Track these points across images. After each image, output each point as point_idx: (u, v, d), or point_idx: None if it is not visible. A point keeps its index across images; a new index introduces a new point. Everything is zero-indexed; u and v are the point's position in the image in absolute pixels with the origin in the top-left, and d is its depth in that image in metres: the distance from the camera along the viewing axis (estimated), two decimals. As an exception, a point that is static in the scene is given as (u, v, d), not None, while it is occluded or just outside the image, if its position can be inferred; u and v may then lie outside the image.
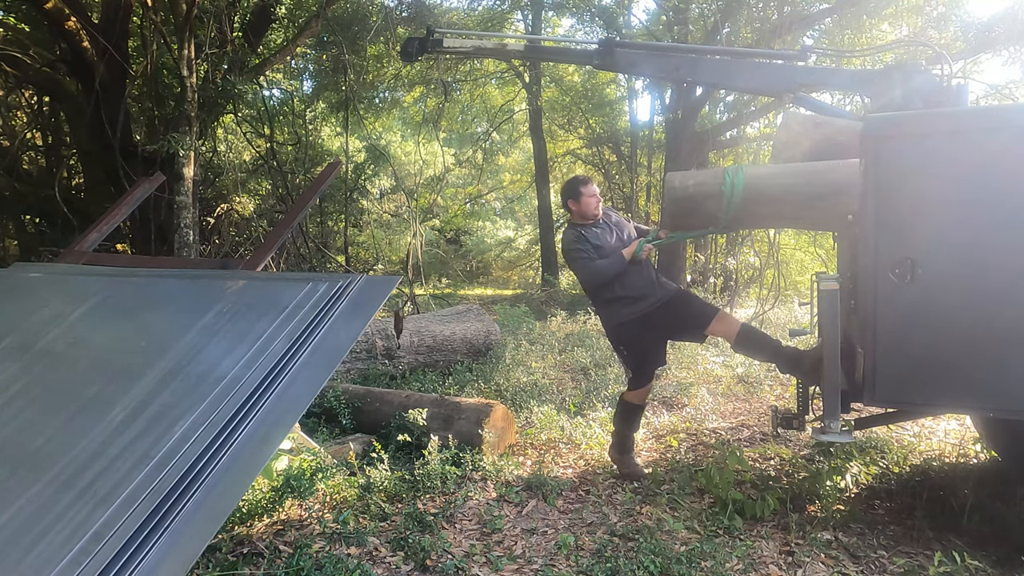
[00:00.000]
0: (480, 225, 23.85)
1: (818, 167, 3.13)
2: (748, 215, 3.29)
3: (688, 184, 3.34)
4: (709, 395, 5.47)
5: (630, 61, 4.20)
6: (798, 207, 3.18)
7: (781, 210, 3.27)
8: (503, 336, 7.18)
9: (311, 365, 1.84)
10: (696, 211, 3.32)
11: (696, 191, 3.28)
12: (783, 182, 3.19)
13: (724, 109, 13.85)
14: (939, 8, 10.70)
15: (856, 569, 2.70)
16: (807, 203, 3.12)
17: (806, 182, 3.11)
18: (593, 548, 2.90)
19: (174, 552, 1.41)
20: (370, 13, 10.97)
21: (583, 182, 3.79)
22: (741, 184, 3.18)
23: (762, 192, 3.18)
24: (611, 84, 16.12)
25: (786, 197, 3.17)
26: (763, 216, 3.46)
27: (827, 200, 3.04)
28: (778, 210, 3.27)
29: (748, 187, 3.18)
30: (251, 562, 2.69)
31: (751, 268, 11.46)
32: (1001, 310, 2.43)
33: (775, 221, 4.12)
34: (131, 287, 2.54)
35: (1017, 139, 2.44)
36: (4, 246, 11.98)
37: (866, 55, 7.99)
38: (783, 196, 3.17)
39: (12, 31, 9.67)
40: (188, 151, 7.60)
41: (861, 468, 3.58)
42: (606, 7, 13.79)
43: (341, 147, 14.21)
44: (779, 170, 3.36)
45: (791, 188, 3.15)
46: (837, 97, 8.48)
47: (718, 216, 3.27)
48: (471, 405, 4.17)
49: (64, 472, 1.65)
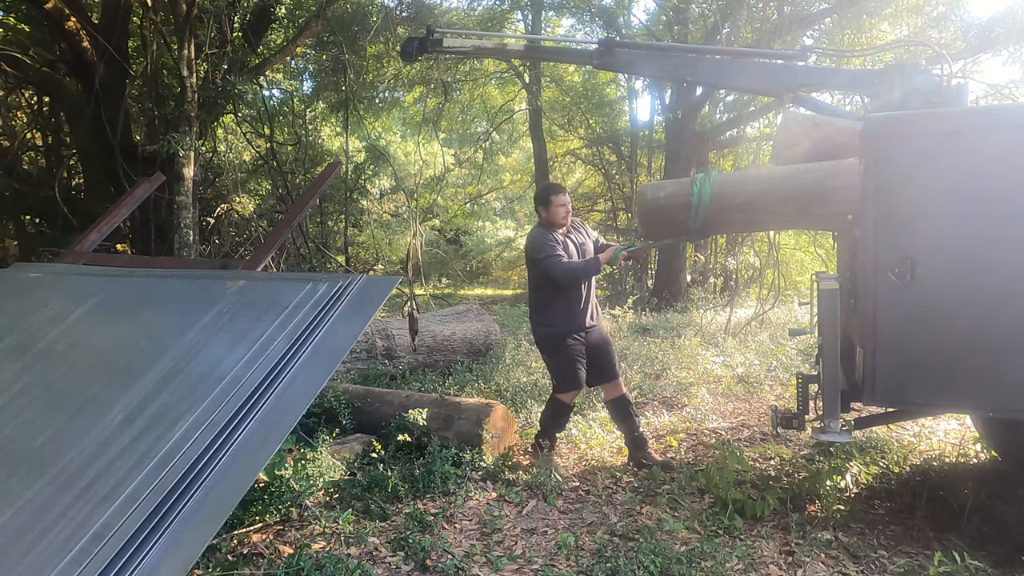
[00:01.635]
0: (480, 225, 23.84)
1: (785, 172, 3.26)
2: (719, 223, 3.46)
3: (659, 196, 3.48)
4: (709, 395, 5.47)
5: (630, 61, 4.21)
6: (768, 213, 3.34)
7: (752, 216, 3.41)
8: (503, 336, 7.18)
9: (311, 365, 1.84)
10: (668, 221, 3.47)
11: (667, 202, 3.43)
12: (752, 188, 3.32)
13: (724, 109, 13.85)
14: (939, 8, 10.70)
15: (856, 569, 2.71)
16: (775, 208, 3.26)
17: (770, 188, 3.24)
18: (593, 548, 2.90)
19: (174, 552, 1.42)
20: (370, 13, 10.97)
21: (555, 191, 3.91)
22: (707, 194, 3.32)
23: (730, 200, 3.33)
24: (611, 84, 16.12)
25: (755, 204, 3.30)
26: (737, 223, 3.65)
27: (791, 204, 3.17)
28: (749, 216, 3.41)
29: (716, 196, 3.31)
30: (251, 562, 2.69)
31: (751, 268, 11.47)
32: (1001, 310, 2.43)
33: (750, 226, 4.30)
34: (131, 287, 2.54)
35: (1017, 139, 2.44)
36: (4, 246, 11.97)
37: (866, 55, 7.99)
38: (752, 203, 3.31)
39: (12, 31, 9.67)
40: (188, 151, 7.59)
41: (861, 468, 3.58)
42: (606, 7, 13.79)
43: (341, 147, 14.20)
44: (747, 177, 3.52)
45: (758, 195, 3.28)
46: (837, 97, 8.49)
47: (688, 225, 3.40)
48: (471, 405, 4.17)
49: (64, 472, 1.65)
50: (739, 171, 3.65)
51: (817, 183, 3.10)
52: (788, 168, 3.26)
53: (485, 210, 23.84)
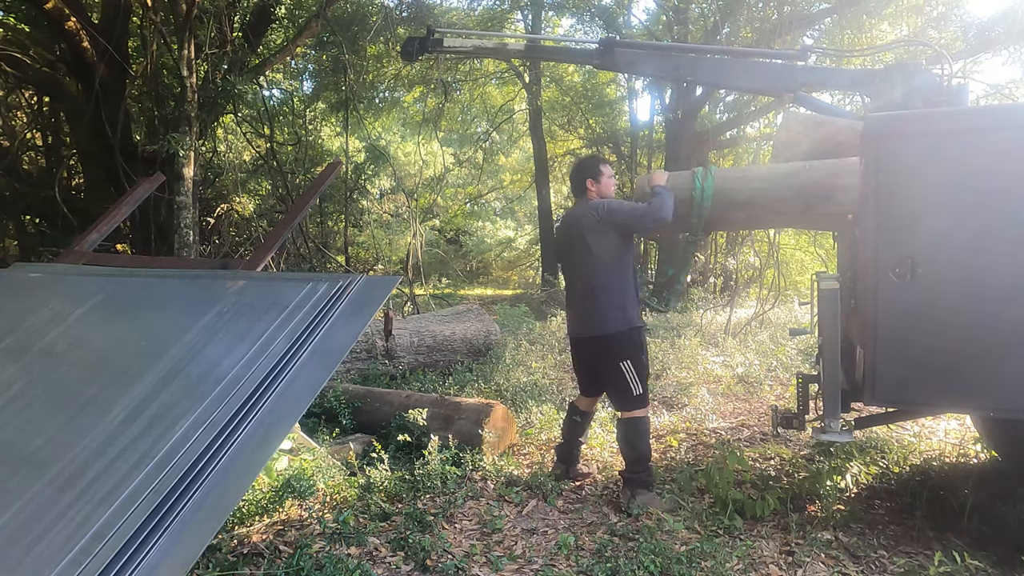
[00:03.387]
0: (480, 225, 23.86)
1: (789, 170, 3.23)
2: (721, 219, 3.39)
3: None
4: (709, 395, 5.47)
5: (630, 61, 4.21)
6: (771, 211, 3.31)
7: (754, 213, 3.37)
8: (503, 336, 7.18)
9: (311, 365, 1.84)
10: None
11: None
12: (755, 186, 3.29)
13: (724, 109, 13.86)
14: (939, 8, 10.71)
15: (856, 569, 2.70)
16: (778, 206, 3.24)
17: (774, 186, 3.21)
18: (593, 548, 2.90)
19: (174, 552, 1.41)
20: (370, 13, 10.98)
21: (603, 161, 3.49)
22: (711, 189, 3.22)
23: (733, 197, 3.28)
24: (611, 84, 16.13)
25: (758, 201, 3.28)
26: (738, 220, 3.54)
27: (794, 203, 3.15)
28: (751, 214, 3.37)
29: (719, 192, 3.25)
30: (251, 562, 2.69)
31: (751, 268, 11.47)
32: (1001, 310, 2.43)
33: (751, 223, 4.16)
34: (131, 287, 2.54)
35: (1017, 139, 2.44)
36: (4, 246, 11.97)
37: (866, 55, 8.00)
38: (755, 200, 3.27)
39: (12, 31, 9.67)
40: (188, 151, 7.59)
41: (861, 468, 3.58)
42: (606, 7, 13.80)
43: (341, 147, 14.20)
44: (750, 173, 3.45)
45: (761, 192, 3.26)
46: (837, 97, 8.49)
47: (691, 221, 3.33)
48: (471, 405, 4.17)
49: (64, 472, 1.65)
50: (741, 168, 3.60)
51: (821, 182, 3.08)
52: (792, 165, 3.21)
53: (485, 210, 23.85)
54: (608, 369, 3.33)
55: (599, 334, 3.31)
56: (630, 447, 3.33)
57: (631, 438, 3.32)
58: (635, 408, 3.31)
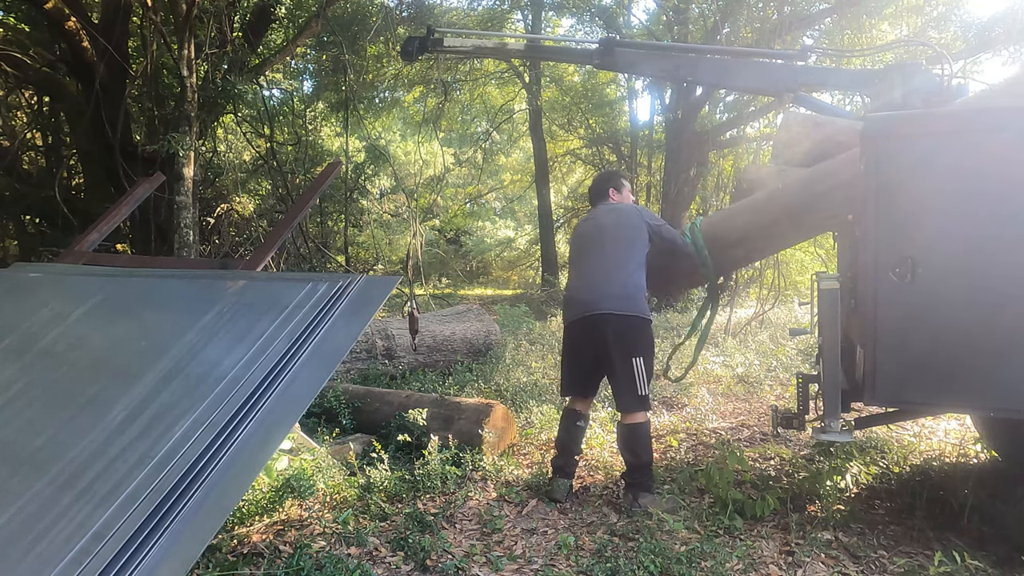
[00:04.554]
0: (480, 225, 23.84)
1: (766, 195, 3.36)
2: (726, 261, 3.53)
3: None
4: (709, 395, 5.47)
5: (630, 61, 4.21)
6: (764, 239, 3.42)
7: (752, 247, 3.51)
8: (503, 336, 7.18)
9: (311, 365, 1.84)
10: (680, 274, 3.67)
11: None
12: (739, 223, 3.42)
13: (724, 109, 13.84)
14: (939, 8, 10.71)
15: (856, 569, 2.70)
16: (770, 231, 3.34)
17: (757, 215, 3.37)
18: (593, 548, 2.90)
19: (174, 552, 1.42)
20: (370, 13, 10.98)
21: (626, 176, 3.87)
22: (700, 238, 3.42)
23: (724, 239, 3.42)
24: (611, 84, 16.12)
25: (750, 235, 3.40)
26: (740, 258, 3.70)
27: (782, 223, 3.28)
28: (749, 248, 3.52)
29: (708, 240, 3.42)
30: (251, 562, 2.69)
31: (751, 268, 11.45)
32: (1001, 309, 2.43)
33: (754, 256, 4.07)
34: (131, 287, 2.54)
35: (1018, 139, 2.44)
36: (4, 246, 11.97)
37: (866, 55, 8.00)
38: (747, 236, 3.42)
39: (12, 31, 9.67)
40: (188, 151, 7.59)
41: (861, 468, 3.58)
42: (606, 7, 13.79)
43: (341, 147, 14.20)
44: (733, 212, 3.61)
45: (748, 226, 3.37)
46: (837, 97, 8.49)
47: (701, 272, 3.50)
48: (471, 405, 4.17)
49: (64, 472, 1.65)
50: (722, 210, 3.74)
51: (800, 194, 3.18)
52: (766, 192, 3.34)
53: (485, 210, 23.84)
54: (618, 359, 3.27)
55: (619, 311, 3.24)
56: (632, 455, 3.32)
57: (633, 445, 3.31)
58: (637, 411, 3.30)
